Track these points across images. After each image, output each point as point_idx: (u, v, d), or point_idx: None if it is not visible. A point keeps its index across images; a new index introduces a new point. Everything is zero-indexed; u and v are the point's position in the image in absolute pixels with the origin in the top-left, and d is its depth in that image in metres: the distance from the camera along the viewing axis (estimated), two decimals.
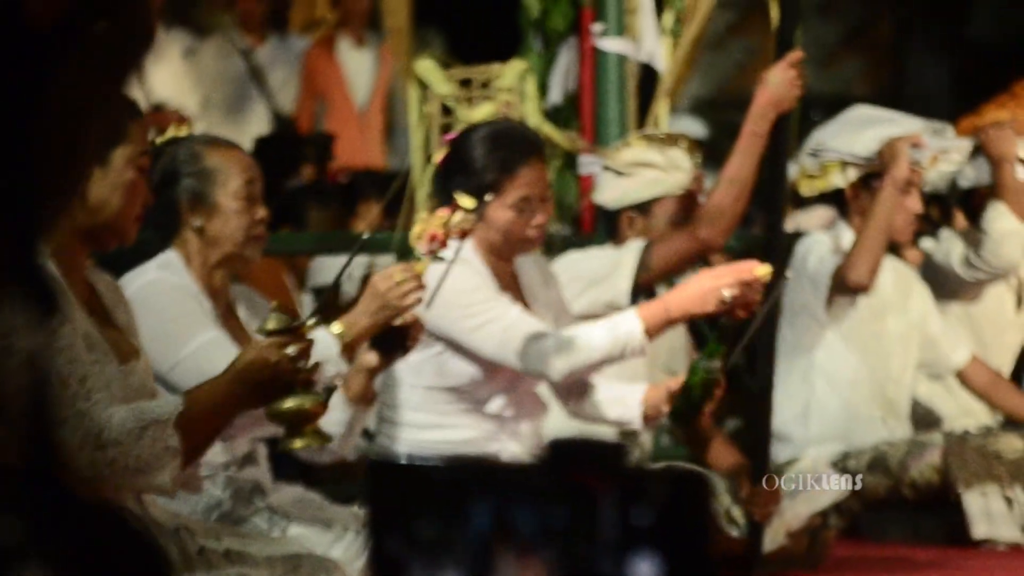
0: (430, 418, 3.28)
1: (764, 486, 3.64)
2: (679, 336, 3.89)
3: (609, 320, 3.14)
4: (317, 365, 2.48)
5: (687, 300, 3.08)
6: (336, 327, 2.75)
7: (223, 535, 2.54)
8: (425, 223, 2.84)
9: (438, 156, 3.26)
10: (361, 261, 4.53)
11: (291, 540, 2.71)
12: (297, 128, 6.80)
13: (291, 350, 2.41)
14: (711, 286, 3.06)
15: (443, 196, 3.25)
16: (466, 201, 3.12)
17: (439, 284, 2.82)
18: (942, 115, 4.74)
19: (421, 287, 2.77)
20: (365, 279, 2.88)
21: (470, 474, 1.31)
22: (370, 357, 2.85)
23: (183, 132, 2.95)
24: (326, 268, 5.13)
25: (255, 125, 6.68)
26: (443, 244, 2.78)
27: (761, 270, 3.07)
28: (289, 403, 2.44)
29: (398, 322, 2.81)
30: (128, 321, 2.55)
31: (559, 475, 1.24)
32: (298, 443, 2.49)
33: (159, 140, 2.90)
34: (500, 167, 3.20)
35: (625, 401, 3.26)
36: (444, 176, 3.25)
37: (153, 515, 2.47)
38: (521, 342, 3.11)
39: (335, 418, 2.86)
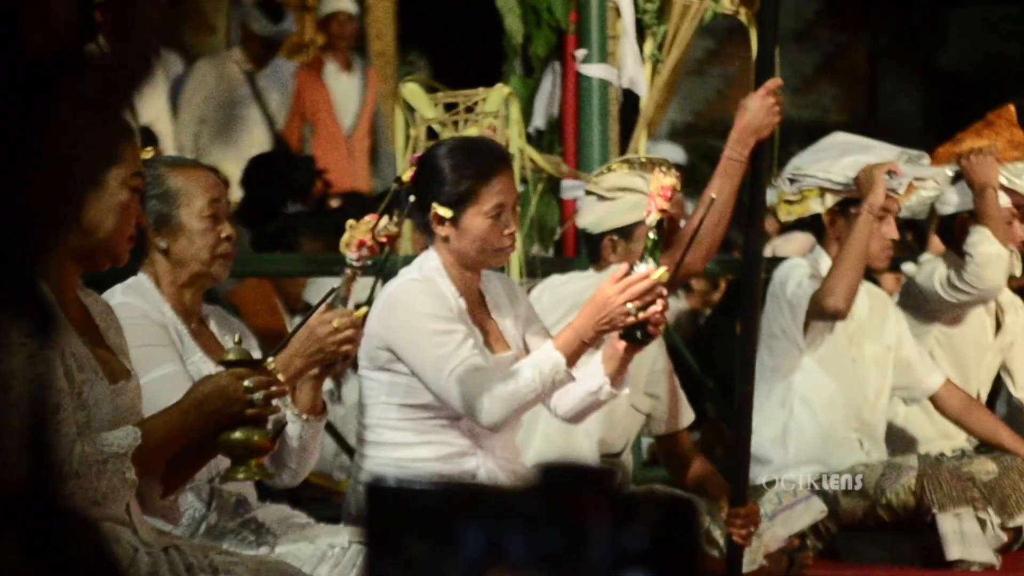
0: (406, 436, 3.30)
1: (743, 508, 3.67)
2: (660, 359, 3.91)
3: (531, 359, 3.18)
4: (271, 403, 2.53)
5: (596, 324, 3.12)
6: (271, 366, 2.79)
7: (210, 552, 2.56)
8: (352, 230, 2.89)
9: (407, 175, 3.30)
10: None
11: (278, 557, 2.74)
12: (290, 150, 6.81)
13: (248, 382, 2.49)
14: (613, 307, 3.10)
15: (416, 212, 3.29)
16: (445, 211, 3.18)
17: (373, 288, 2.87)
18: (914, 141, 4.78)
19: (359, 335, 2.83)
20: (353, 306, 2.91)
21: (463, 498, 1.33)
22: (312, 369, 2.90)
23: (147, 155, 2.97)
24: (326, 285, 5.15)
25: (250, 148, 6.66)
26: (372, 250, 2.83)
27: (656, 273, 3.10)
28: (238, 434, 2.51)
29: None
30: (119, 342, 2.58)
31: (550, 499, 1.27)
32: (241, 474, 2.55)
33: None
34: (476, 176, 3.24)
35: (590, 373, 3.29)
36: (415, 192, 3.28)
37: (142, 535, 2.49)
38: (461, 387, 3.15)
39: (288, 431, 2.89)
